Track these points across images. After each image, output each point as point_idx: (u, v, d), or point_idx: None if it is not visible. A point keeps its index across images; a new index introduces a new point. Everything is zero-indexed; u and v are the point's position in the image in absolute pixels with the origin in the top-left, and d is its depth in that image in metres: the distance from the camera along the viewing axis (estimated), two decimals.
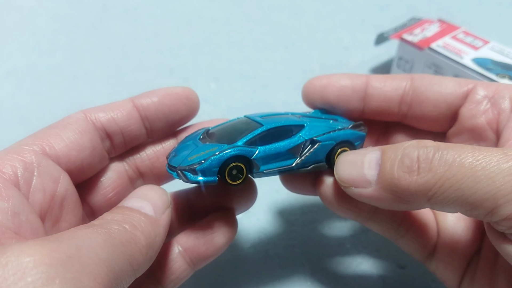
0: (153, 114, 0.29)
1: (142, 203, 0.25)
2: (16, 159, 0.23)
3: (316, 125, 0.29)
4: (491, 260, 0.27)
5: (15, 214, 0.21)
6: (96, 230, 0.21)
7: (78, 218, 0.26)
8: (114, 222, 0.22)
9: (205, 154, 0.26)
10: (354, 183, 0.25)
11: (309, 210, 0.41)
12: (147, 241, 0.22)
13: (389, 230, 0.30)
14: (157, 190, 0.26)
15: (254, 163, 0.26)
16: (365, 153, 0.25)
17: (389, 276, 0.36)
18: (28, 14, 0.66)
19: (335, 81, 0.31)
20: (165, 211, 0.25)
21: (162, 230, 0.24)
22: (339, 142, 0.29)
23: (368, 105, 0.31)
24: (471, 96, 0.29)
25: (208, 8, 0.68)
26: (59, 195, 0.24)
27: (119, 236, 0.21)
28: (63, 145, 0.25)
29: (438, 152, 0.22)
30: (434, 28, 0.51)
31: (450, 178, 0.21)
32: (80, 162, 0.26)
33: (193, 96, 0.30)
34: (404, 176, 0.22)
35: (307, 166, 0.28)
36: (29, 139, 0.25)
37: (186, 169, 0.26)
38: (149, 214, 0.24)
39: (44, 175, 0.24)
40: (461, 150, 0.21)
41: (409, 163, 0.22)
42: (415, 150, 0.22)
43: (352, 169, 0.25)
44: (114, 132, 0.29)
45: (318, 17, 0.67)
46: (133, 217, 0.23)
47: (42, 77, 0.56)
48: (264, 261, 0.37)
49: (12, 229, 0.20)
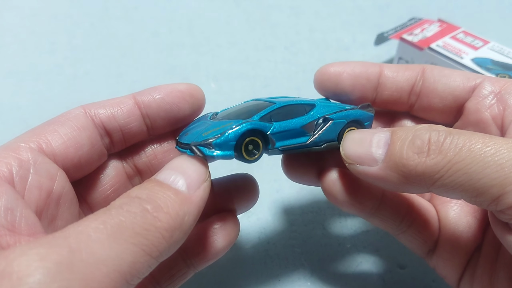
0: (154, 112, 0.28)
1: (175, 176, 0.23)
2: (11, 157, 0.23)
3: (327, 104, 0.29)
4: (492, 257, 0.27)
5: (9, 210, 0.20)
6: (101, 223, 0.19)
7: (74, 216, 0.26)
8: (134, 204, 0.20)
9: (221, 129, 0.25)
10: (360, 160, 0.25)
11: (309, 210, 0.41)
12: (172, 222, 0.21)
13: (391, 225, 0.30)
14: (193, 161, 0.24)
15: (270, 139, 0.26)
16: (374, 132, 0.25)
17: (389, 276, 0.36)
18: (28, 14, 0.66)
19: (351, 70, 0.30)
20: (200, 185, 0.23)
21: (195, 208, 0.22)
22: (350, 121, 0.28)
23: (380, 94, 0.31)
24: (477, 90, 0.29)
25: (208, 8, 0.68)
26: (55, 193, 0.24)
27: (132, 224, 0.20)
28: (60, 142, 0.25)
29: (450, 136, 0.22)
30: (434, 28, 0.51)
31: (459, 161, 0.21)
32: (77, 159, 0.26)
33: (198, 94, 0.29)
34: (413, 156, 0.22)
35: (320, 145, 0.28)
36: (26, 135, 0.25)
37: (202, 144, 0.25)
38: (180, 190, 0.22)
39: (40, 173, 0.23)
40: (472, 136, 0.21)
41: (419, 144, 0.22)
42: (427, 132, 0.22)
43: (360, 146, 0.25)
44: (113, 129, 0.28)
45: (318, 17, 0.67)
46: (159, 195, 0.21)
47: (42, 77, 0.56)
48: (264, 261, 0.37)
49: (5, 226, 0.20)
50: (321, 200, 0.42)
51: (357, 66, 0.31)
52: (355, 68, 0.30)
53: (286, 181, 0.32)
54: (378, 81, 0.31)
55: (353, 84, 0.30)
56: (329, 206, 0.41)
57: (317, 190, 0.42)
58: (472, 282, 0.28)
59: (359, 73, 0.30)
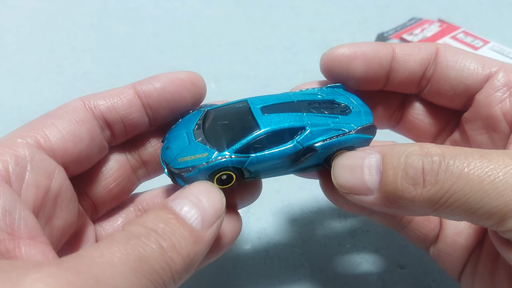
0: (155, 101, 0.27)
1: (191, 209, 0.22)
2: (7, 153, 0.22)
3: (318, 128, 0.26)
4: (494, 254, 0.27)
5: (7, 213, 0.20)
6: (124, 253, 0.18)
7: (73, 214, 0.25)
8: (151, 238, 0.20)
9: (195, 160, 0.25)
10: (355, 190, 0.24)
11: (309, 210, 0.41)
12: (183, 265, 0.20)
13: (392, 221, 0.30)
14: (212, 195, 0.23)
15: (245, 170, 0.26)
16: (363, 156, 0.24)
17: (389, 276, 0.36)
18: (28, 14, 0.66)
19: (362, 54, 0.28)
20: (214, 223, 0.22)
21: (204, 248, 0.22)
22: (340, 149, 0.26)
23: (391, 79, 0.29)
24: (490, 81, 0.27)
25: (208, 8, 0.68)
26: (53, 191, 0.23)
27: (152, 261, 0.19)
28: (59, 137, 0.24)
29: (444, 162, 0.21)
30: (434, 28, 0.52)
31: (457, 191, 0.20)
32: (77, 154, 0.25)
33: (199, 82, 0.28)
34: (408, 188, 0.21)
35: (303, 170, 0.27)
36: (23, 129, 0.24)
37: (176, 173, 0.25)
38: (194, 228, 0.21)
39: (37, 170, 0.22)
40: (468, 160, 0.21)
41: (413, 175, 0.21)
42: (419, 159, 0.21)
43: (351, 175, 0.24)
44: (114, 120, 0.27)
45: (318, 17, 0.67)
46: (175, 231, 0.20)
47: (42, 77, 0.56)
48: (265, 261, 0.37)
49: (5, 229, 0.19)
50: (321, 200, 0.42)
51: (368, 50, 0.28)
52: (367, 52, 0.28)
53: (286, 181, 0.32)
54: (390, 66, 0.29)
55: (365, 71, 0.28)
56: (329, 206, 0.41)
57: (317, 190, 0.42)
58: (474, 277, 0.28)
59: (371, 59, 0.28)
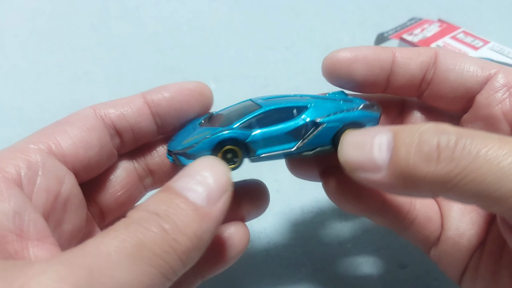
0: (164, 110, 0.28)
1: (194, 186, 0.21)
2: (20, 158, 0.22)
3: (321, 106, 0.27)
4: (496, 254, 0.27)
5: (17, 215, 0.20)
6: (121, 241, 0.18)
7: (81, 219, 0.25)
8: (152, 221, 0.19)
9: (198, 138, 0.25)
10: (362, 167, 0.23)
11: (310, 210, 0.41)
12: (190, 244, 0.19)
13: (394, 223, 0.29)
14: (216, 169, 0.22)
15: (249, 147, 0.25)
16: (374, 134, 0.23)
17: (390, 276, 0.36)
18: (28, 14, 0.66)
19: (363, 57, 0.29)
20: (220, 197, 0.21)
21: (213, 224, 0.21)
22: (346, 124, 0.26)
23: (391, 82, 0.29)
24: (490, 82, 0.27)
25: (208, 8, 0.68)
26: (63, 196, 0.24)
27: (152, 245, 0.18)
28: (70, 143, 0.25)
29: (462, 141, 0.20)
30: (434, 28, 0.52)
31: (474, 171, 0.19)
32: (87, 160, 0.25)
33: (207, 92, 0.29)
34: (421, 164, 0.20)
35: (310, 150, 0.27)
36: (35, 136, 0.24)
37: (179, 153, 0.25)
38: (199, 204, 0.20)
39: (48, 175, 0.23)
40: (486, 141, 0.20)
41: (427, 150, 0.20)
42: (435, 136, 0.20)
43: (360, 151, 0.23)
44: (124, 128, 0.28)
45: (318, 17, 0.67)
46: (177, 211, 0.20)
47: (42, 77, 0.56)
48: (265, 261, 0.37)
49: (14, 231, 0.20)
50: (322, 200, 0.42)
51: (369, 53, 0.29)
52: (367, 55, 0.29)
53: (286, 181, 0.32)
54: (390, 69, 0.29)
55: (366, 74, 0.29)
56: (329, 206, 0.41)
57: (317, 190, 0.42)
58: (475, 279, 0.28)
59: (372, 62, 0.28)
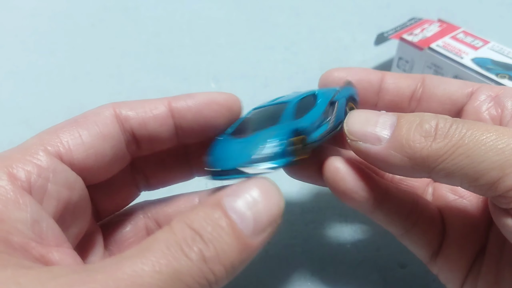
0: (188, 124, 0.27)
1: (244, 210, 0.20)
2: (30, 163, 0.22)
3: (323, 91, 0.29)
4: (497, 256, 0.27)
5: (35, 223, 0.20)
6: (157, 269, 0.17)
7: (87, 221, 0.25)
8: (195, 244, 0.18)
9: (263, 140, 0.24)
10: (364, 137, 0.25)
11: (309, 209, 0.41)
12: (225, 275, 0.18)
13: (395, 221, 0.29)
14: (270, 196, 0.21)
15: (306, 133, 0.26)
16: (380, 113, 0.26)
17: (390, 276, 0.36)
18: (28, 14, 0.66)
19: (354, 74, 0.32)
20: (265, 230, 0.20)
21: (251, 256, 0.20)
22: (347, 98, 0.30)
23: (382, 99, 0.33)
24: (475, 95, 0.30)
25: (208, 8, 0.68)
26: (72, 203, 0.23)
27: (188, 277, 0.17)
28: (81, 150, 0.24)
29: (456, 124, 0.23)
30: (434, 28, 0.52)
31: (462, 145, 0.22)
32: (96, 169, 0.25)
33: (236, 107, 0.28)
34: (420, 139, 0.23)
35: (337, 127, 0.28)
36: (45, 136, 0.23)
37: (254, 160, 0.23)
38: (244, 233, 0.19)
39: (59, 182, 0.22)
40: (475, 124, 0.23)
41: (427, 128, 0.23)
42: (435, 118, 0.24)
43: (365, 124, 0.25)
44: (142, 136, 0.26)
45: (318, 17, 0.67)
46: (222, 237, 0.18)
47: (42, 77, 0.56)
48: (265, 260, 0.37)
49: (34, 239, 0.19)
50: (321, 199, 0.42)
51: (360, 72, 0.33)
52: (359, 73, 0.32)
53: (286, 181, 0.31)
54: (380, 86, 0.32)
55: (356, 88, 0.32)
56: (329, 205, 0.41)
57: (317, 190, 0.43)
58: (476, 282, 0.27)
59: (362, 78, 0.32)
